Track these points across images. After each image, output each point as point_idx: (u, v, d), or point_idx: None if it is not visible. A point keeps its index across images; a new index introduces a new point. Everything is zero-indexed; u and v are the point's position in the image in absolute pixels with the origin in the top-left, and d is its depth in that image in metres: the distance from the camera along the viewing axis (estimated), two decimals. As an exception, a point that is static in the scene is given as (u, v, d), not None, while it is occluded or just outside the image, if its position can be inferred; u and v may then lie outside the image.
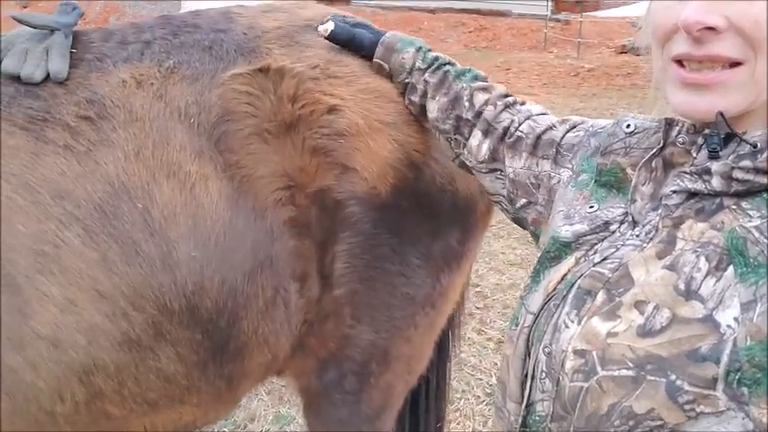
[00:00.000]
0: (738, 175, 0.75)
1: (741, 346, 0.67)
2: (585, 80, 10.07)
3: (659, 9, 0.80)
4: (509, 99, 1.24)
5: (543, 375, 0.83)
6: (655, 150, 0.86)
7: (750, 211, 0.75)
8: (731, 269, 0.71)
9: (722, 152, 0.78)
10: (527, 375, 0.86)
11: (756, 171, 0.75)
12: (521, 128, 1.17)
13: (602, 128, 1.04)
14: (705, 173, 0.78)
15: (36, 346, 1.19)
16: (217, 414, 1.55)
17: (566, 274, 0.86)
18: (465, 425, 2.69)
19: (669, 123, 0.85)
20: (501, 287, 3.77)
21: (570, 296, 0.82)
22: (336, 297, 1.43)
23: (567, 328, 0.80)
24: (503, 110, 1.22)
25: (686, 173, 0.81)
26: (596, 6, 14.10)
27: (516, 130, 1.17)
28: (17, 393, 1.20)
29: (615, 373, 0.73)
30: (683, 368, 0.69)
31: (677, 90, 0.79)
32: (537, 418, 0.84)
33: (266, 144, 1.34)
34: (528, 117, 1.18)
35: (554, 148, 1.09)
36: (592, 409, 0.75)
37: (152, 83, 1.33)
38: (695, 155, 0.82)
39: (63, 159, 1.23)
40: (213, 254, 1.29)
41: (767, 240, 0.71)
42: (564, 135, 1.09)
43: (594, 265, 0.83)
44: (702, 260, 0.74)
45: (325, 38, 1.42)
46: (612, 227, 0.87)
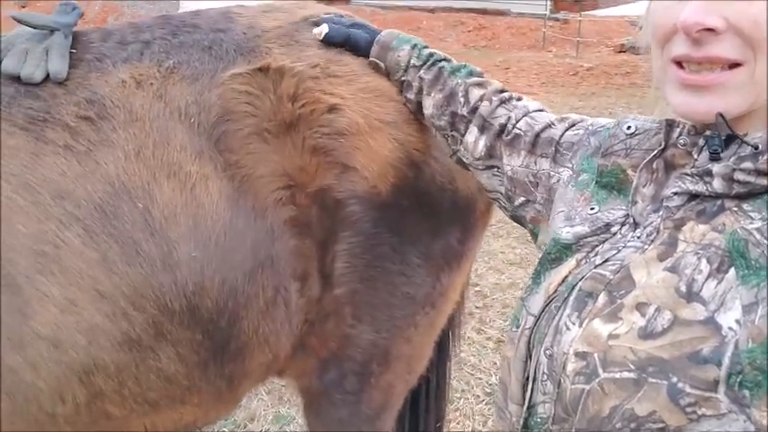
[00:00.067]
0: (739, 176, 0.75)
1: (742, 349, 0.67)
2: (584, 79, 10.05)
3: (658, 9, 0.80)
4: (505, 95, 1.23)
5: (544, 377, 0.82)
6: (656, 152, 0.86)
7: (751, 212, 0.74)
8: (732, 271, 0.71)
9: (723, 154, 0.78)
10: (528, 377, 0.85)
11: (758, 173, 0.74)
12: (518, 125, 1.15)
13: (601, 127, 1.03)
14: (706, 174, 0.78)
15: (36, 346, 1.18)
16: (217, 414, 1.55)
17: (567, 276, 0.85)
18: (465, 424, 2.69)
19: (670, 125, 0.85)
20: (500, 286, 3.76)
21: (571, 298, 0.82)
22: (337, 296, 1.43)
23: (569, 330, 0.80)
24: (498, 105, 1.20)
25: (687, 174, 0.81)
26: (595, 5, 14.13)
27: (514, 127, 1.15)
28: (17, 393, 1.20)
29: (617, 376, 0.73)
30: (684, 370, 0.69)
31: (677, 91, 0.78)
32: (538, 420, 0.83)
33: (266, 143, 1.34)
34: (525, 114, 1.17)
35: (553, 147, 1.08)
36: (593, 411, 0.75)
37: (152, 83, 1.32)
38: (696, 156, 0.82)
39: (63, 159, 1.23)
40: (214, 254, 1.29)
41: (768, 242, 0.71)
42: (563, 133, 1.08)
43: (595, 267, 0.82)
44: (704, 262, 0.73)
45: (321, 41, 1.42)
46: (613, 228, 0.86)
